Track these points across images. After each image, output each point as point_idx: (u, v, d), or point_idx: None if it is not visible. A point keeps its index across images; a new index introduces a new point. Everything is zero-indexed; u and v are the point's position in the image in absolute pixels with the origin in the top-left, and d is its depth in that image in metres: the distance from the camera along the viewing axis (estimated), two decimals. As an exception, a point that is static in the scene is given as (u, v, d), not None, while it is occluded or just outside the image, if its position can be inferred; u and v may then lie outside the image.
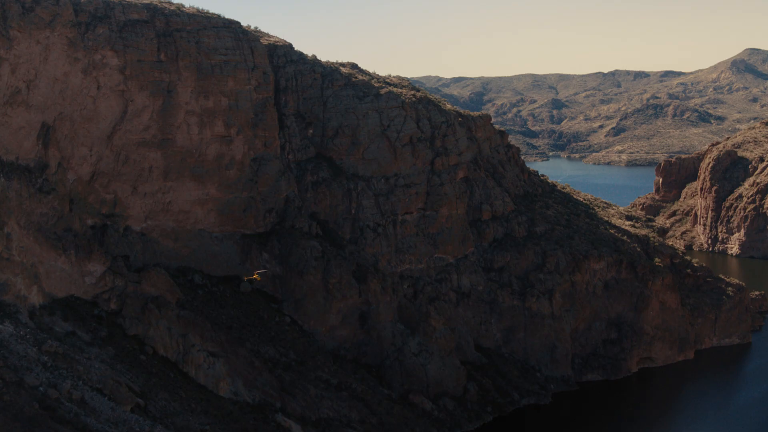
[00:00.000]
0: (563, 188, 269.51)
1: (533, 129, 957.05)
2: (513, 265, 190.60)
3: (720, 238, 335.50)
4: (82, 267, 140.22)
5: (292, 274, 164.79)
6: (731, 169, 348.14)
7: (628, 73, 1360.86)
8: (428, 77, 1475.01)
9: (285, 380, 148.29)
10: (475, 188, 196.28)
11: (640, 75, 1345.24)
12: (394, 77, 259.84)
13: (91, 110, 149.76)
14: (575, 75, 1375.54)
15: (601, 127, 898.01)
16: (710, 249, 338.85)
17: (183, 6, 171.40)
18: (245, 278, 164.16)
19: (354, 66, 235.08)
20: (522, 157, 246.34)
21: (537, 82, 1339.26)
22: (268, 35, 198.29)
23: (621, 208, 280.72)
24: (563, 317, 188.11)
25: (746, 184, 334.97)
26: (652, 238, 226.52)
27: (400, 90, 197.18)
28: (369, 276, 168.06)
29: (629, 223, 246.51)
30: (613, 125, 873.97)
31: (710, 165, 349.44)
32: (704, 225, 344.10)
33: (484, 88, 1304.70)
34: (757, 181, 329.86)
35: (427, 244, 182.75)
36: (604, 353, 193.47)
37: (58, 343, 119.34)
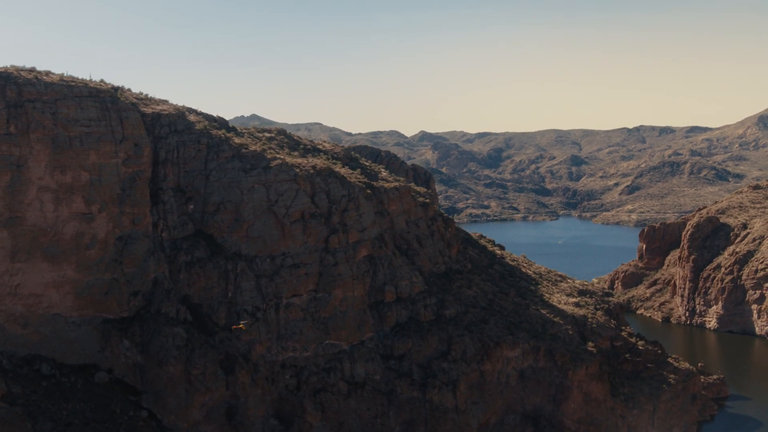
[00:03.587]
0: (512, 260, 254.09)
1: (549, 186, 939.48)
2: (415, 352, 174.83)
3: (698, 311, 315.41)
4: None
5: (152, 363, 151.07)
6: (712, 236, 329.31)
7: (653, 128, 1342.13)
8: (453, 132, 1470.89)
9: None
10: (380, 267, 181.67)
11: (665, 130, 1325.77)
12: (328, 143, 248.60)
13: None
14: (599, 130, 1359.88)
15: (616, 184, 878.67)
16: (688, 322, 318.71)
17: (51, 73, 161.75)
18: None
19: (281, 132, 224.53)
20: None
21: (560, 137, 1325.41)
22: (164, 103, 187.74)
23: (577, 281, 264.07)
24: (469, 411, 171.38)
25: (725, 254, 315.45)
26: (590, 319, 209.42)
27: (299, 161, 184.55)
28: (237, 366, 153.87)
29: (575, 299, 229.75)
30: (628, 183, 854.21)
31: (689, 232, 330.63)
32: (682, 296, 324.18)
33: (507, 143, 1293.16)
34: (737, 250, 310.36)
35: (316, 330, 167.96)
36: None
37: None
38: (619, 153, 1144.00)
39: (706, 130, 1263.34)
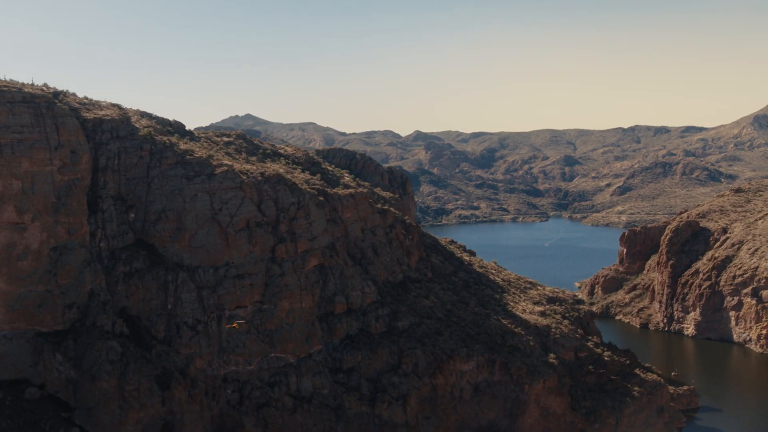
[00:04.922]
0: (481, 267, 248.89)
1: (541, 187, 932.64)
2: (364, 365, 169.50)
3: (676, 317, 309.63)
4: None
5: (84, 378, 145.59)
6: (692, 241, 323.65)
7: (648, 128, 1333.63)
8: (448, 132, 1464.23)
9: None
10: (330, 277, 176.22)
11: (660, 130, 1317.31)
12: (291, 147, 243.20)
13: None
14: (595, 130, 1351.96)
15: (608, 185, 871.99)
16: (666, 329, 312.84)
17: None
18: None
19: (240, 136, 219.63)
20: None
21: (555, 137, 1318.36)
22: (111, 107, 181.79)
23: (547, 288, 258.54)
24: (421, 426, 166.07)
25: (704, 259, 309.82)
26: (554, 329, 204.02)
27: (248, 167, 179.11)
28: (174, 382, 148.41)
29: (542, 308, 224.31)
30: (620, 184, 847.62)
31: (668, 237, 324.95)
32: (660, 302, 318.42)
33: (502, 143, 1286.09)
34: (715, 255, 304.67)
35: (261, 343, 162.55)
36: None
37: None
38: (614, 153, 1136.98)
39: (701, 130, 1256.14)
